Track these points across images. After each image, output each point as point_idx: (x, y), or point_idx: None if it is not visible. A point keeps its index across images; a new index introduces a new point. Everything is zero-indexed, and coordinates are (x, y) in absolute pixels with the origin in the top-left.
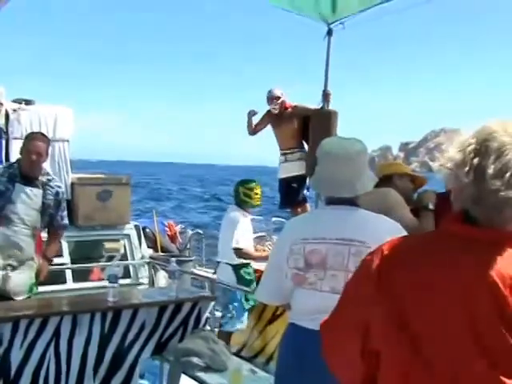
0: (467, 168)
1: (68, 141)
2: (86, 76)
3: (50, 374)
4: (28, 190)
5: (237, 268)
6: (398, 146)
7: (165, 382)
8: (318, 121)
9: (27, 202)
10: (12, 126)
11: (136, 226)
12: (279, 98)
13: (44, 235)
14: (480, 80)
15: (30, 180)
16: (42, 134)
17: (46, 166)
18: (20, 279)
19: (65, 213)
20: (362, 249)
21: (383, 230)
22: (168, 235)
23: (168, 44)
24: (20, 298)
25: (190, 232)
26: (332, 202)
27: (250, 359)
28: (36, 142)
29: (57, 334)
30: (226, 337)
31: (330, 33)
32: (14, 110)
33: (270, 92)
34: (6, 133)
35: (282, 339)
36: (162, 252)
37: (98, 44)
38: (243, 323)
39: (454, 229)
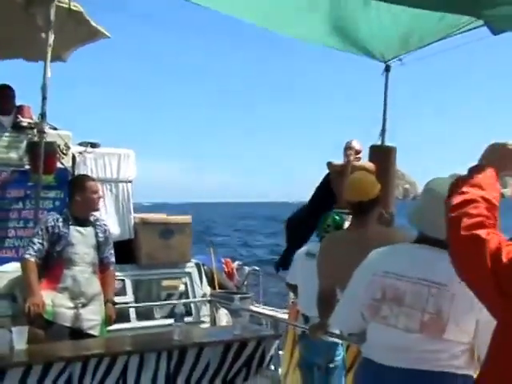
0: None
1: (131, 181)
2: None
3: None
4: (82, 229)
5: None
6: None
7: None
8: (377, 158)
9: (84, 242)
10: (78, 169)
11: (197, 264)
12: (358, 152)
13: None
14: None
15: (82, 221)
16: (89, 175)
17: (111, 205)
18: (92, 314)
19: (112, 250)
20: (442, 292)
21: None
22: (225, 272)
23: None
24: (95, 332)
25: (247, 269)
26: (423, 240)
27: None
28: (92, 183)
29: (124, 372)
30: None
31: (387, 69)
32: (80, 153)
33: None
34: (73, 175)
35: (354, 374)
36: (220, 289)
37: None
38: None
39: None
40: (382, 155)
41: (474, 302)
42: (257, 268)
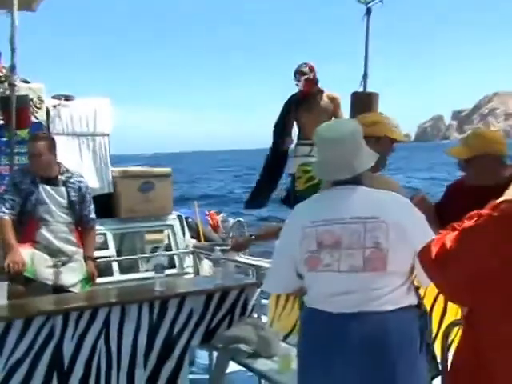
0: None
1: (108, 135)
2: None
3: (101, 364)
4: (50, 189)
5: None
6: (450, 114)
7: (214, 368)
8: (359, 105)
9: (55, 201)
10: (53, 123)
11: (179, 216)
12: (305, 74)
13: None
14: None
15: (49, 180)
16: (43, 133)
17: (89, 160)
18: (72, 271)
19: (91, 207)
20: (377, 224)
21: (395, 204)
22: (210, 225)
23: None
24: (76, 289)
25: (231, 221)
26: (336, 183)
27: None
28: (35, 143)
29: (106, 324)
30: None
31: (368, 12)
32: (54, 106)
33: (298, 66)
34: (48, 129)
35: (301, 325)
36: (205, 242)
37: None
38: None
39: None
40: (364, 101)
41: (406, 232)
42: (241, 219)
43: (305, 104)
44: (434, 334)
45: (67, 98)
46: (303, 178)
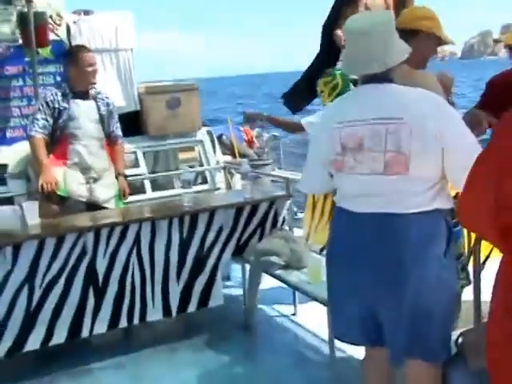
0: None
1: (132, 49)
2: None
3: (135, 280)
4: (83, 103)
5: None
6: (499, 29)
7: (247, 282)
8: None
9: (86, 116)
10: (74, 39)
11: (208, 132)
12: None
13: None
14: None
15: (81, 95)
16: (84, 46)
17: (113, 77)
18: (105, 187)
19: (118, 124)
20: (399, 126)
21: (421, 103)
22: (245, 140)
23: None
24: (111, 205)
25: (266, 135)
26: (364, 81)
27: None
28: (86, 54)
29: (137, 240)
30: None
31: None
32: (74, 22)
33: None
34: (70, 46)
35: (332, 223)
36: (241, 158)
37: None
38: None
39: None
40: None
41: (431, 131)
42: (276, 134)
43: (353, 3)
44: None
45: (87, 13)
46: (326, 90)
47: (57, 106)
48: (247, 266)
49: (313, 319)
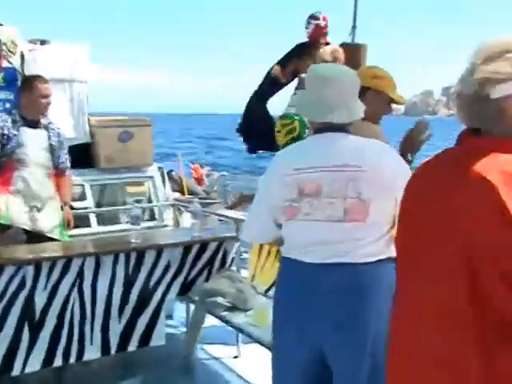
0: None
1: (86, 82)
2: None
3: (75, 316)
4: (33, 132)
5: None
6: (440, 90)
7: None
8: (347, 56)
9: (35, 144)
10: (28, 68)
11: (159, 168)
12: (317, 19)
13: None
14: None
15: (32, 123)
16: (42, 76)
17: (65, 108)
18: (49, 216)
19: (67, 155)
20: (359, 174)
21: (378, 153)
22: (194, 178)
23: None
24: (54, 235)
25: (216, 174)
26: (320, 129)
27: None
28: (42, 85)
29: (80, 275)
30: None
31: None
32: (30, 51)
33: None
34: (23, 74)
35: (278, 275)
36: (189, 195)
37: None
38: None
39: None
40: (352, 53)
41: (388, 180)
42: (225, 173)
43: (310, 51)
44: None
45: (43, 43)
46: (282, 131)
47: (6, 132)
48: (191, 306)
49: (256, 362)
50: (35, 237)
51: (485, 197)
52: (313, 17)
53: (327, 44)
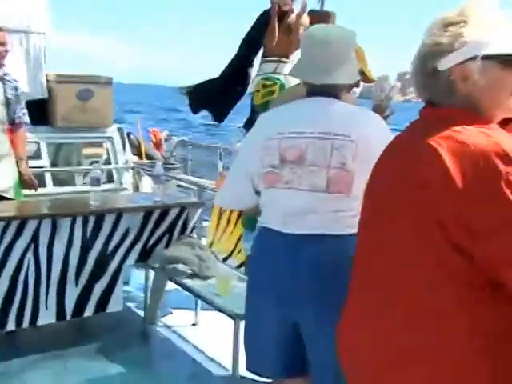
0: None
1: (44, 33)
2: None
3: (29, 279)
4: None
5: None
6: (395, 76)
7: (150, 289)
8: (315, 22)
9: None
10: None
11: (119, 129)
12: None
13: None
14: None
15: None
16: None
17: (21, 60)
18: (3, 175)
19: (25, 110)
20: (345, 143)
21: (367, 122)
22: (153, 142)
23: None
24: (9, 195)
25: (175, 139)
26: (311, 92)
27: (237, 267)
28: (1, 32)
29: (35, 237)
30: None
31: None
32: None
33: None
34: None
35: (254, 244)
36: (147, 159)
37: None
38: None
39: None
40: (320, 21)
41: (373, 152)
42: (185, 138)
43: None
44: None
45: None
46: (261, 91)
47: None
48: (151, 272)
49: (214, 330)
50: None
51: (432, 162)
52: None
53: (291, 10)
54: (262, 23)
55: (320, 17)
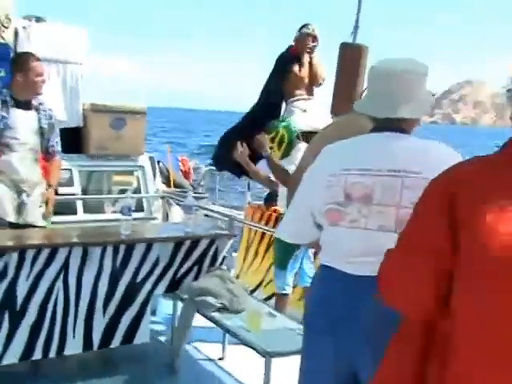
0: None
1: (81, 64)
2: None
3: (57, 308)
4: (24, 113)
5: None
6: None
7: (177, 320)
8: (347, 57)
9: (25, 126)
10: (21, 45)
11: (151, 158)
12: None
13: None
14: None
15: (23, 104)
16: (34, 54)
17: (58, 89)
18: (35, 205)
19: (58, 138)
20: (417, 181)
21: (439, 157)
22: (181, 171)
23: None
24: (40, 224)
25: (204, 168)
26: (376, 127)
27: (265, 300)
28: (36, 63)
29: (66, 266)
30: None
31: None
32: (24, 28)
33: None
34: (15, 51)
35: (314, 283)
36: (175, 188)
37: None
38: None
39: None
40: (353, 54)
41: None
42: (214, 168)
43: (296, 61)
44: None
45: (39, 20)
46: (274, 145)
47: None
48: (179, 304)
49: (242, 364)
50: (20, 225)
51: None
52: (312, 36)
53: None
54: (290, 67)
55: (353, 50)
